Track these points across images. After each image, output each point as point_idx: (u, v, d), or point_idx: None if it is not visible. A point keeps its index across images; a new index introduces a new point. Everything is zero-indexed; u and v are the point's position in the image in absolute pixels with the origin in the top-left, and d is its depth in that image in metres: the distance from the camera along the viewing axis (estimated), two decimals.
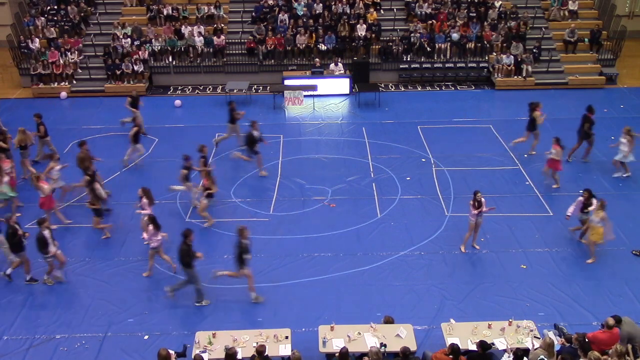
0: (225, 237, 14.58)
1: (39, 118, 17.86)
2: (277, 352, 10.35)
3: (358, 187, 16.57)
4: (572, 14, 25.99)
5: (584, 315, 12.06)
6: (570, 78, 23.93)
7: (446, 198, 16.14)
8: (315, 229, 14.72)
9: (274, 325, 11.22)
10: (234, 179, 17.19)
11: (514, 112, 21.57)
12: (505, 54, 23.95)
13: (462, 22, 25.16)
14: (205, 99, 23.14)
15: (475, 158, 18.11)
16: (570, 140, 17.75)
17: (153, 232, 12.91)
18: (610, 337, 10.11)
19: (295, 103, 22.32)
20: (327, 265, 13.59)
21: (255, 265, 13.59)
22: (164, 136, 19.79)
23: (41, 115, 17.89)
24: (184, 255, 12.03)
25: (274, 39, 24.45)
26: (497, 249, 14.09)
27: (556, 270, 13.40)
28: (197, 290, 12.40)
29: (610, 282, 12.96)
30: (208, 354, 10.28)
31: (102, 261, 13.77)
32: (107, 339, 11.58)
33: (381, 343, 10.34)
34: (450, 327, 10.87)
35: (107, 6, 26.76)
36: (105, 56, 23.89)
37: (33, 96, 23.40)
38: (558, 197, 15.93)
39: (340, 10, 25.55)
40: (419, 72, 24.57)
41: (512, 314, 11.36)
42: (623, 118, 21.07)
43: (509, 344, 10.37)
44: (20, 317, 12.18)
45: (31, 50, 24.14)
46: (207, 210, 15.10)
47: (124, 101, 20.00)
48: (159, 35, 24.72)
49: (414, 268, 13.51)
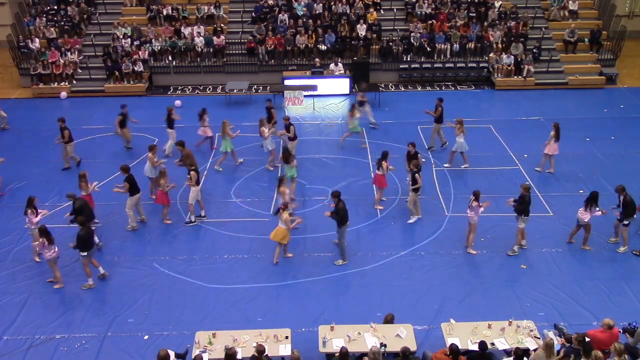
0: (225, 237, 14.59)
1: (63, 122, 17.14)
2: (277, 352, 10.35)
3: (358, 187, 16.57)
4: (572, 14, 26.01)
5: (584, 315, 12.06)
6: (570, 78, 23.93)
7: (446, 198, 16.14)
8: (315, 229, 14.71)
9: (274, 325, 11.21)
10: (234, 179, 17.19)
11: (514, 112, 21.61)
12: (505, 54, 23.96)
13: (462, 22, 25.17)
14: (205, 99, 23.13)
15: (475, 158, 18.11)
16: (570, 140, 17.79)
17: (45, 244, 12.46)
18: (610, 337, 10.11)
19: (295, 103, 22.33)
20: (327, 265, 13.59)
21: (255, 265, 13.63)
22: (164, 136, 19.76)
23: (65, 119, 17.33)
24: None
25: (274, 39, 24.46)
26: (497, 249, 14.09)
27: (556, 270, 13.40)
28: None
29: (610, 282, 12.96)
30: (208, 354, 10.28)
31: (102, 261, 13.75)
32: (107, 339, 11.57)
33: (381, 343, 10.34)
34: (450, 327, 10.87)
35: (107, 6, 26.78)
36: (105, 56, 23.89)
37: (33, 96, 23.41)
38: (558, 197, 15.93)
39: (340, 10, 25.56)
40: (419, 72, 24.58)
41: (512, 314, 11.36)
42: (623, 118, 21.10)
43: (509, 344, 10.38)
44: (20, 317, 12.18)
45: (31, 50, 24.14)
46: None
47: (124, 101, 19.97)
48: (159, 35, 24.73)
49: (414, 268, 13.51)
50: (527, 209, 13.47)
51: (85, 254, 12.66)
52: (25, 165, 17.94)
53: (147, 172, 15.64)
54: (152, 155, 15.41)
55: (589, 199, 13.52)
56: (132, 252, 14.14)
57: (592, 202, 13.45)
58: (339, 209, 13.16)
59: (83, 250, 12.62)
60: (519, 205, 13.40)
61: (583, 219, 13.62)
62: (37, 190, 15.55)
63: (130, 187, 14.42)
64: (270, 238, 13.47)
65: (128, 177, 14.44)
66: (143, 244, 14.40)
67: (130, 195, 14.55)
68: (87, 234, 12.61)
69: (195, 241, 14.53)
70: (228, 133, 17.23)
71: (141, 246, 14.32)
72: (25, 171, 17.59)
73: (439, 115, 18.27)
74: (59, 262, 12.97)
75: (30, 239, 13.93)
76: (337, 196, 13.35)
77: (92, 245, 12.83)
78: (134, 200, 14.66)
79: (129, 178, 14.43)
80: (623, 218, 13.70)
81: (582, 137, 19.38)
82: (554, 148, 16.85)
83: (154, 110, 21.78)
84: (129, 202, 14.64)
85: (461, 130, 16.97)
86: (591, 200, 13.46)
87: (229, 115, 19.34)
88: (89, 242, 12.69)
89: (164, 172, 14.84)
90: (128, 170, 14.59)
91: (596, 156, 18.28)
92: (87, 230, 12.66)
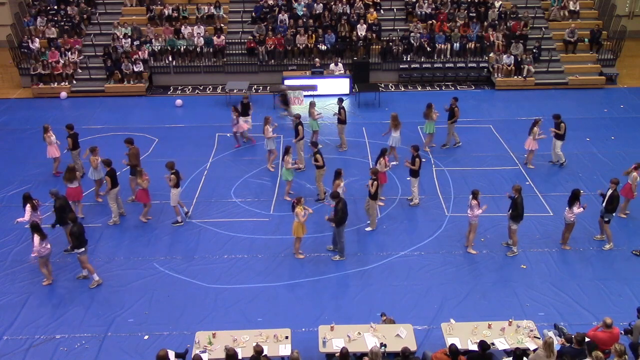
0: (225, 237, 14.59)
1: (70, 129, 16.66)
2: (277, 352, 10.35)
3: (358, 187, 16.56)
4: (572, 14, 26.01)
5: (584, 315, 12.06)
6: (570, 78, 23.93)
7: (446, 198, 16.14)
8: (315, 229, 14.71)
9: (274, 325, 11.21)
10: (234, 179, 17.18)
11: (514, 112, 21.61)
12: (505, 53, 23.96)
13: (462, 22, 25.17)
14: (205, 99, 23.14)
15: (475, 158, 18.11)
16: (570, 140, 17.79)
17: (39, 241, 12.42)
18: (610, 336, 10.11)
19: (295, 103, 22.32)
20: (327, 265, 13.59)
21: (255, 265, 13.63)
22: (164, 136, 19.80)
23: (72, 125, 16.89)
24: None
25: (274, 39, 24.45)
26: (497, 249, 14.09)
27: (556, 270, 13.40)
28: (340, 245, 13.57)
29: (610, 282, 12.96)
30: (208, 354, 10.28)
31: (102, 261, 13.76)
32: (107, 339, 11.57)
33: (381, 343, 10.34)
34: (450, 327, 10.86)
35: (107, 6, 26.79)
36: (105, 56, 23.89)
37: (33, 96, 23.41)
38: (558, 197, 15.92)
39: (340, 10, 25.56)
40: (419, 72, 24.58)
41: (512, 314, 11.36)
42: (623, 118, 21.10)
43: (509, 344, 10.38)
44: (20, 317, 12.17)
45: (31, 50, 24.14)
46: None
47: (124, 101, 19.98)
48: (159, 35, 24.72)
49: (414, 268, 13.50)
50: (522, 213, 13.45)
51: (82, 250, 12.67)
52: (25, 165, 17.95)
53: (91, 174, 15.65)
54: (94, 156, 15.39)
55: (571, 197, 13.52)
56: (131, 252, 14.14)
57: (575, 200, 13.45)
58: (338, 209, 13.17)
59: (79, 247, 12.62)
60: (513, 212, 13.39)
61: (569, 219, 13.66)
62: (37, 191, 15.57)
63: (111, 181, 14.61)
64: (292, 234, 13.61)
65: (109, 171, 14.64)
66: (143, 244, 14.40)
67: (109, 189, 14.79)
68: (79, 230, 12.59)
69: (195, 241, 14.53)
70: (313, 114, 18.14)
71: (141, 246, 14.32)
72: (25, 171, 17.60)
73: (457, 115, 18.27)
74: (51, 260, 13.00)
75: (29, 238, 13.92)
76: (337, 197, 13.36)
77: (86, 241, 12.83)
78: (114, 194, 14.85)
79: (110, 172, 14.63)
80: (604, 213, 13.74)
81: (582, 137, 19.38)
82: (534, 143, 17.22)
83: (154, 110, 21.79)
84: (109, 195, 14.85)
85: (395, 125, 17.21)
86: (574, 199, 13.46)
87: (228, 115, 19.32)
88: (83, 238, 12.68)
89: (141, 171, 14.89)
90: (110, 164, 14.75)
91: (596, 156, 18.28)
92: (79, 227, 12.66)
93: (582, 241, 14.26)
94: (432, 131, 18.41)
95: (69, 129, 16.71)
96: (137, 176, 14.91)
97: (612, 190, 13.57)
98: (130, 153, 15.76)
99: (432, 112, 18.10)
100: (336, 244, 13.77)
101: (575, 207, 13.45)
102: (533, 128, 17.09)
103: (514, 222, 13.55)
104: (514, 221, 13.53)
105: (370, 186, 14.23)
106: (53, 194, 13.72)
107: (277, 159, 17.55)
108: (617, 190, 13.64)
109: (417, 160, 15.18)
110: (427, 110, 18.15)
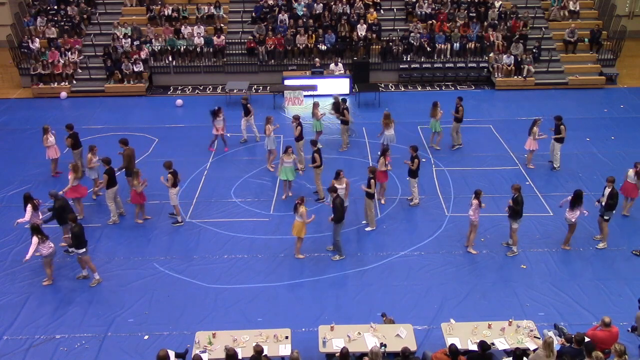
0: (225, 237, 14.59)
1: (70, 129, 16.66)
2: (277, 352, 10.35)
3: (358, 187, 16.54)
4: (572, 14, 26.01)
5: (584, 315, 12.05)
6: (570, 78, 23.93)
7: (446, 198, 16.14)
8: (315, 229, 14.70)
9: (274, 325, 11.21)
10: (234, 179, 17.19)
11: (514, 112, 21.61)
12: (505, 53, 23.96)
13: (462, 22, 25.17)
14: (206, 99, 23.13)
15: (475, 158, 18.11)
16: (570, 140, 17.78)
17: (37, 243, 12.40)
18: (609, 335, 10.11)
19: (295, 103, 22.33)
20: (327, 265, 13.59)
21: (255, 265, 13.63)
22: (164, 136, 19.80)
23: (72, 125, 16.88)
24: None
25: (274, 39, 24.45)
26: (497, 249, 14.09)
27: (556, 270, 13.40)
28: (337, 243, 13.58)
29: (610, 282, 12.96)
30: (208, 354, 10.27)
31: (102, 261, 13.76)
32: (107, 339, 11.57)
33: (381, 343, 10.34)
34: (450, 327, 10.86)
35: (107, 6, 26.79)
36: (105, 56, 23.89)
37: (33, 96, 23.41)
38: (558, 197, 15.90)
39: (340, 10, 25.56)
40: (419, 72, 24.58)
41: (512, 314, 11.36)
42: (623, 118, 21.10)
43: (509, 344, 10.38)
44: (20, 317, 12.17)
45: (31, 50, 24.14)
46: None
47: (124, 101, 19.98)
48: (159, 35, 24.72)
49: (414, 268, 13.50)
50: (521, 211, 13.44)
51: (83, 250, 12.67)
52: (25, 165, 17.95)
53: (88, 173, 15.70)
54: (91, 155, 15.43)
55: (574, 198, 13.48)
56: (131, 252, 14.14)
57: (578, 201, 13.42)
58: (336, 204, 13.16)
59: (79, 247, 12.62)
60: (515, 207, 13.38)
61: (570, 219, 13.64)
62: (37, 191, 15.56)
63: (109, 180, 14.61)
64: (293, 234, 13.57)
65: (108, 169, 14.65)
66: (143, 244, 14.40)
67: (107, 188, 14.77)
68: (80, 230, 12.59)
69: (195, 241, 14.53)
70: (316, 114, 18.30)
71: (141, 246, 14.32)
72: (25, 171, 17.60)
73: (460, 114, 18.27)
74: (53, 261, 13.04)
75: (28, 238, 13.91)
76: (335, 191, 13.35)
77: (86, 241, 12.82)
78: (112, 193, 14.85)
79: (109, 171, 14.64)
80: (603, 212, 13.74)
81: (582, 137, 19.38)
82: (534, 143, 17.22)
83: (154, 110, 21.79)
84: (107, 194, 14.85)
85: (386, 123, 17.32)
86: (576, 200, 13.43)
87: (229, 116, 19.33)
88: (83, 238, 12.68)
89: (137, 173, 14.87)
90: (109, 162, 14.76)
91: (596, 156, 18.28)
92: (80, 227, 12.65)
93: (582, 241, 14.25)
94: (438, 129, 18.39)
95: (68, 129, 16.72)
96: (133, 177, 14.87)
97: (610, 188, 13.58)
98: (124, 154, 15.72)
99: (437, 110, 18.06)
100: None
101: (576, 209, 13.42)
102: (532, 128, 17.08)
103: (514, 221, 13.55)
104: (513, 219, 13.52)
105: (366, 185, 14.21)
106: (52, 195, 13.72)
107: (277, 159, 17.56)
108: (615, 188, 13.63)
109: (415, 161, 15.18)
110: (433, 108, 18.12)
